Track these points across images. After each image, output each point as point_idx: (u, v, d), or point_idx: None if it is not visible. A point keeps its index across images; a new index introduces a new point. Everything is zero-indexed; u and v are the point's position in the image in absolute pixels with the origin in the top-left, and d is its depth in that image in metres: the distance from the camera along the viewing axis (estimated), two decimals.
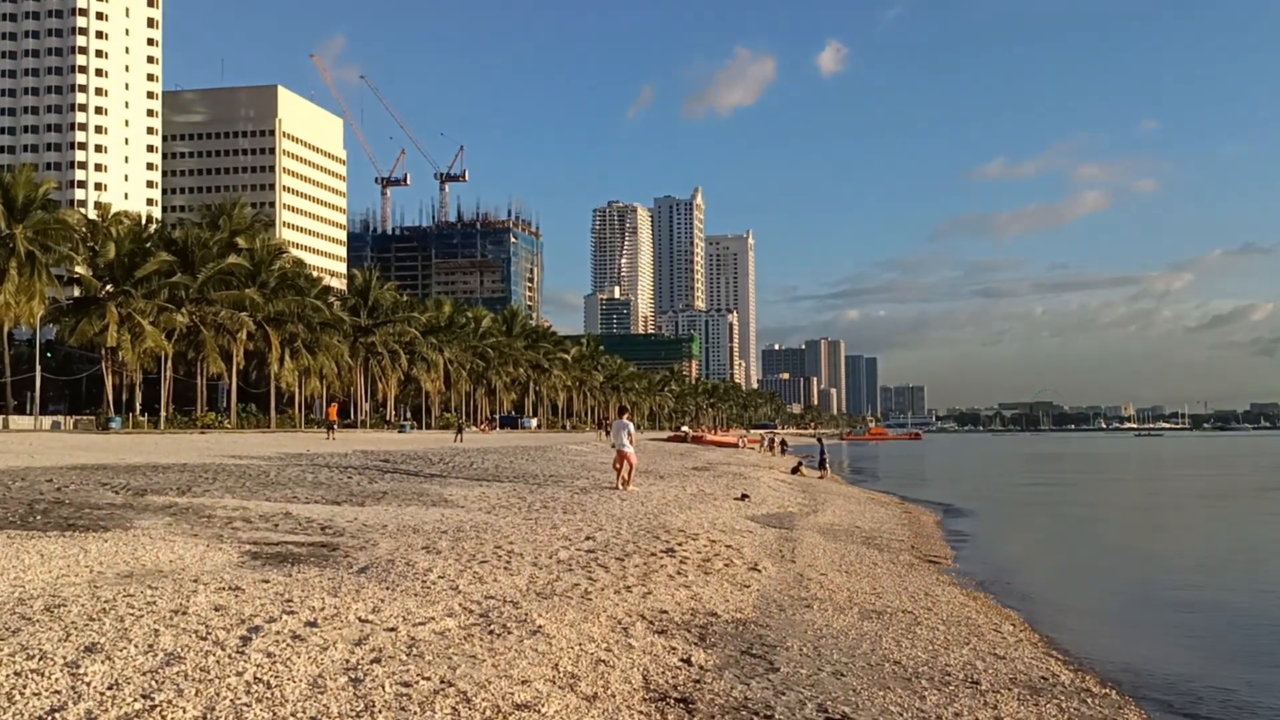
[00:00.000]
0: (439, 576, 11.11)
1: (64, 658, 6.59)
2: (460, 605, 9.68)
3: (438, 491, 22.62)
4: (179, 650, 7.00)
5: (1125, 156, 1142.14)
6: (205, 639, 7.39)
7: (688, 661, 8.69)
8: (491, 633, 8.62)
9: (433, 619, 8.89)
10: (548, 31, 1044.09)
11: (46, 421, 70.14)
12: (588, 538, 15.77)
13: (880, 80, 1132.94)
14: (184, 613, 8.13)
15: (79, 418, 74.61)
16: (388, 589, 10.19)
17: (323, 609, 8.77)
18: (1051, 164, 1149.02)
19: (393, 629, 8.32)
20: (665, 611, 10.86)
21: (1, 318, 63.66)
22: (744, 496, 27.33)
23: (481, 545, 13.90)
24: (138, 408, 77.05)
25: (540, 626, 9.04)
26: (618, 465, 26.31)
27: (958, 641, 11.32)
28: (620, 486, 25.83)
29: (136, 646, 7.00)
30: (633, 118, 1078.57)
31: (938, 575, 18.10)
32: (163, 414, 75.35)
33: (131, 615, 7.86)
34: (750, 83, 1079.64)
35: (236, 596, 9.03)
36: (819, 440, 57.27)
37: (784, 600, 12.93)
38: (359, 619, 8.57)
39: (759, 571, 14.81)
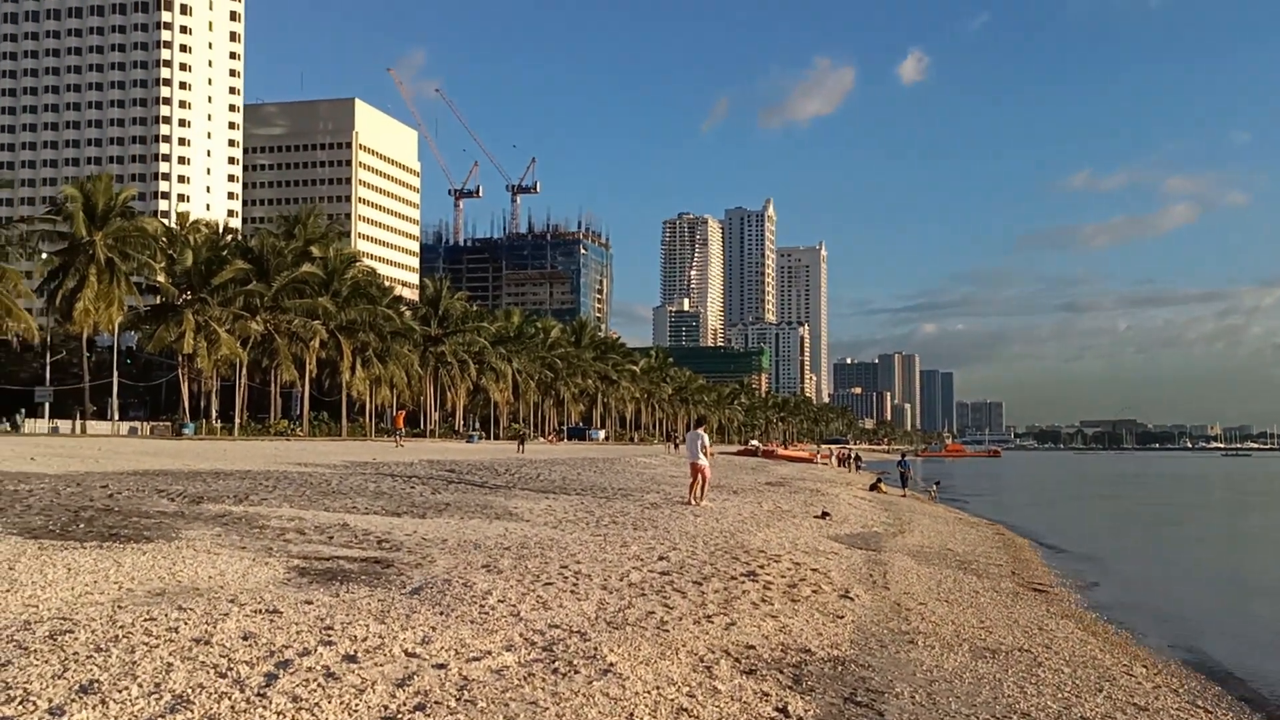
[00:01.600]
0: (499, 600, 10.00)
1: (49, 701, 5.59)
2: (521, 636, 8.56)
3: (502, 504, 21.61)
4: (189, 691, 5.96)
5: (1215, 169, 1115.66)
6: (224, 676, 6.34)
7: (784, 712, 7.46)
8: (556, 671, 7.48)
9: (489, 653, 7.77)
10: (625, 44, 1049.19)
11: (124, 427, 70.77)
12: (661, 558, 14.59)
13: (962, 90, 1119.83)
14: (206, 642, 7.10)
15: (155, 423, 75.22)
16: (441, 614, 9.11)
17: (365, 639, 7.69)
18: (1138, 176, 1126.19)
19: (442, 665, 7.22)
20: (752, 647, 9.63)
21: (81, 324, 64.29)
22: (825, 515, 25.94)
23: (546, 564, 12.79)
24: (213, 414, 77.54)
25: (612, 664, 7.88)
26: (692, 478, 25.10)
27: (1089, 688, 9.94)
28: (693, 501, 24.63)
29: (141, 687, 5.97)
30: (708, 130, 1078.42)
31: (1046, 606, 16.62)
32: (237, 421, 75.73)
33: (145, 645, 6.85)
34: (829, 93, 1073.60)
35: (271, 622, 8.00)
36: (902, 456, 55.41)
37: (883, 634, 11.61)
38: (405, 652, 7.48)
39: (851, 599, 13.50)
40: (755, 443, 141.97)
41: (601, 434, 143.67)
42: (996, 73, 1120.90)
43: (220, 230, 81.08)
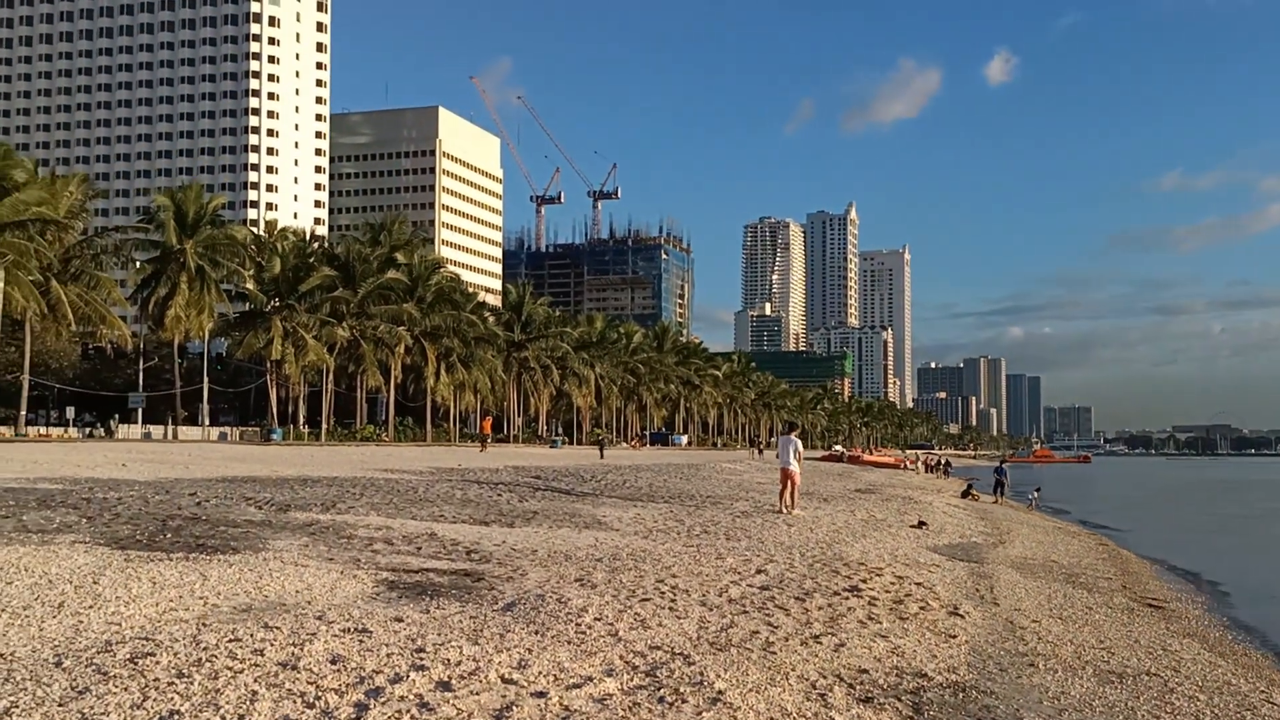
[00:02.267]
0: (595, 618, 9.50)
1: None
2: (622, 659, 8.04)
3: (590, 512, 21.17)
4: None
5: None
6: (312, 707, 5.92)
7: None
8: (662, 700, 6.95)
9: (590, 679, 7.27)
10: (708, 48, 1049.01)
11: (214, 433, 72.04)
12: (759, 571, 13.99)
13: (1050, 90, 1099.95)
14: (293, 667, 6.70)
15: (244, 429, 76.48)
16: (537, 634, 8.64)
17: (459, 663, 7.24)
18: (1233, 175, 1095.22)
19: (542, 694, 6.73)
20: (865, 670, 9.00)
21: (173, 331, 65.55)
22: (921, 524, 25.06)
23: (641, 578, 12.27)
24: (300, 420, 78.60)
25: (720, 692, 7.32)
26: (783, 485, 24.42)
27: (1230, 718, 9.12)
28: (784, 509, 23.95)
29: (223, 719, 5.55)
30: (790, 133, 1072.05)
31: (1166, 623, 15.66)
32: (324, 426, 76.64)
33: (230, 670, 6.47)
34: (913, 95, 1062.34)
35: (361, 643, 7.59)
36: (1000, 463, 53.85)
37: (1000, 656, 10.88)
38: (501, 678, 7.00)
39: (961, 617, 12.76)
40: (839, 448, 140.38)
41: (684, 439, 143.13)
42: (1085, 72, 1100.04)
43: (307, 238, 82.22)
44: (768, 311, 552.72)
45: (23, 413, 55.75)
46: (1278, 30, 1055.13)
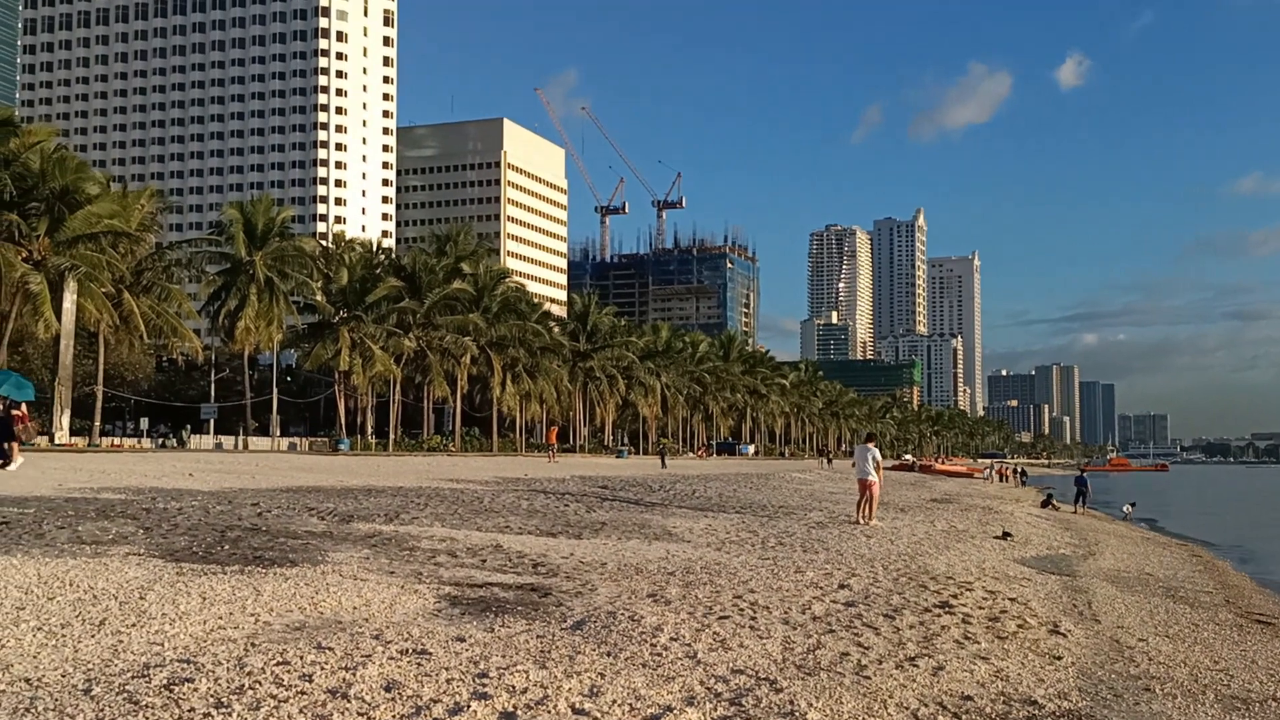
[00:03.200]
0: (671, 638, 8.79)
1: None
2: (702, 684, 7.33)
3: (660, 523, 20.47)
4: None
5: None
6: None
7: None
8: None
9: (669, 709, 6.57)
10: (773, 56, 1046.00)
11: (284, 443, 72.52)
12: (841, 585, 13.18)
13: (1124, 93, 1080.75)
14: (344, 695, 6.09)
15: (313, 439, 76.94)
16: (608, 655, 7.96)
17: (524, 690, 6.58)
18: None
19: None
20: (969, 697, 8.19)
21: (243, 342, 66.06)
22: (1006, 535, 24.01)
23: (717, 594, 11.54)
24: (368, 430, 78.92)
25: None
26: (861, 496, 23.52)
27: None
28: (862, 521, 23.05)
29: None
30: (858, 140, 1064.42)
31: None
32: (391, 436, 76.85)
33: (273, 699, 5.87)
34: (983, 100, 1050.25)
35: (419, 666, 6.97)
36: (1081, 471, 52.28)
37: (1112, 680, 9.98)
38: (572, 708, 6.34)
39: (1063, 635, 11.84)
40: (909, 457, 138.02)
41: (751, 449, 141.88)
42: (1160, 74, 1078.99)
43: (374, 249, 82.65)
44: (834, 320, 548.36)
45: (97, 423, 56.45)
46: None
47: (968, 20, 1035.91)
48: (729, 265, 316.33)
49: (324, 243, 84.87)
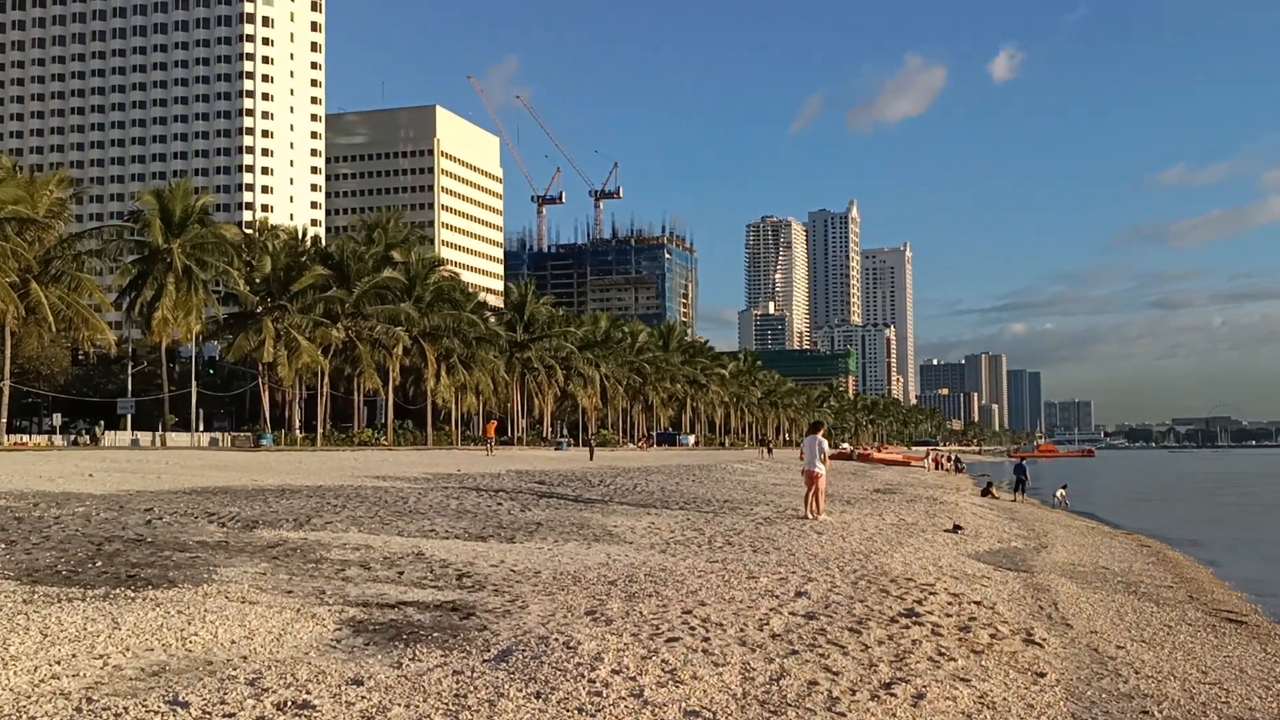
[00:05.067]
0: (612, 670, 7.51)
1: None
2: None
3: (600, 522, 19.18)
4: None
5: None
6: None
7: None
8: None
9: None
10: (713, 46, 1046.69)
11: (205, 438, 70.01)
12: (798, 593, 11.98)
13: (1055, 86, 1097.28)
14: None
15: (236, 435, 74.45)
16: (538, 698, 6.66)
17: None
18: (1237, 169, 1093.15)
19: None
20: None
21: (160, 333, 63.46)
22: (957, 528, 23.07)
23: (664, 608, 10.28)
24: (296, 424, 76.59)
25: None
26: (808, 488, 22.45)
27: None
28: (810, 515, 21.97)
29: None
30: (795, 132, 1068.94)
31: (1260, 644, 13.64)
32: (319, 431, 74.63)
33: None
34: (919, 92, 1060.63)
35: None
36: (1020, 459, 52.06)
37: (1104, 700, 8.89)
38: None
39: (1039, 645, 10.74)
40: (847, 446, 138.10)
41: (691, 439, 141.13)
42: (1090, 67, 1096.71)
43: (300, 236, 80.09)
44: (771, 310, 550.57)
45: (2, 420, 53.62)
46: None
47: (907, 11, 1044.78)
48: (667, 256, 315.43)
49: (247, 230, 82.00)
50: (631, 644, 8.43)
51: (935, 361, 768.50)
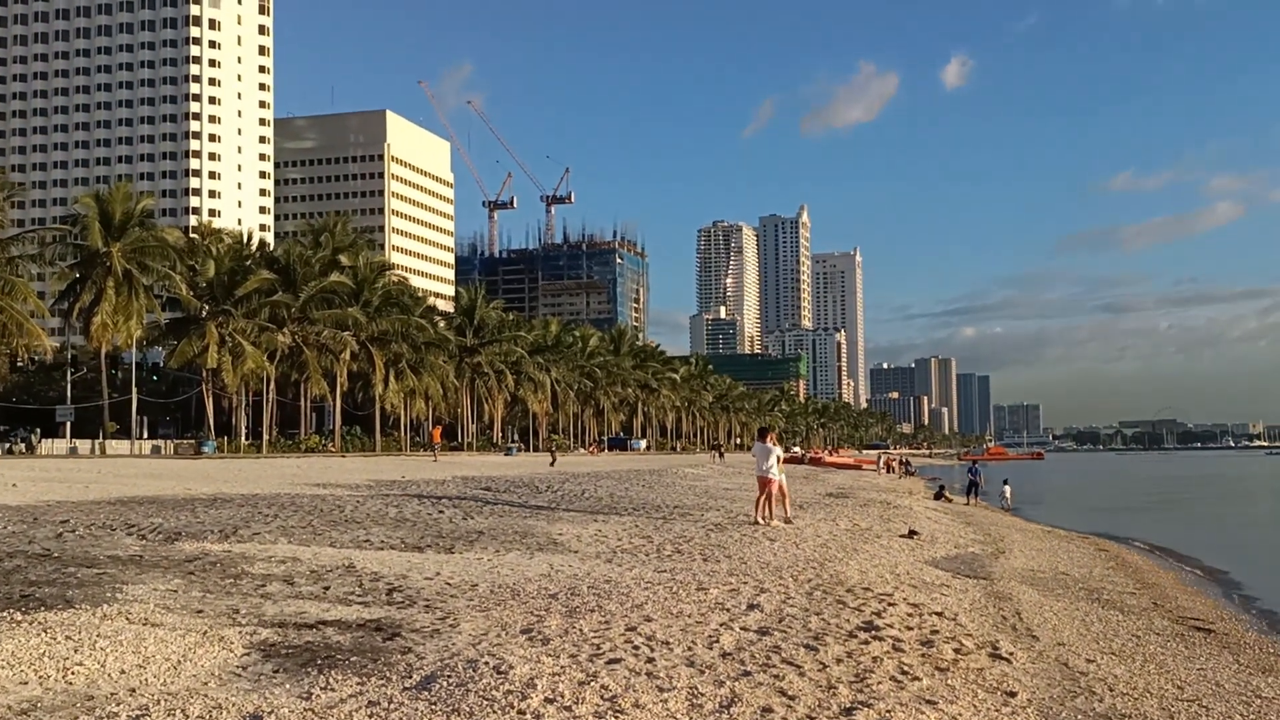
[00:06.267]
0: (546, 699, 6.79)
1: None
2: None
3: (544, 530, 18.43)
4: None
5: (1261, 167, 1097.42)
6: None
7: None
8: None
9: None
10: (669, 52, 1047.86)
11: (147, 446, 68.22)
12: (750, 605, 11.32)
13: (1005, 93, 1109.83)
14: None
15: (179, 442, 72.70)
16: None
17: None
18: (1182, 175, 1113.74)
19: None
20: None
21: (99, 339, 61.74)
22: (912, 533, 22.58)
23: (607, 624, 9.57)
24: (242, 431, 74.98)
25: None
26: (760, 493, 21.82)
27: None
28: (762, 521, 21.35)
29: None
30: (749, 136, 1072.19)
31: (1231, 654, 13.19)
32: (265, 437, 73.10)
33: None
34: (871, 99, 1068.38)
35: None
36: (973, 463, 51.97)
37: None
38: None
39: (1007, 661, 10.15)
40: (797, 449, 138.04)
41: (643, 444, 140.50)
42: (1040, 75, 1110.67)
43: (245, 240, 78.43)
44: (723, 315, 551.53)
45: None
46: (1224, 32, 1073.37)
47: (861, 19, 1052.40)
48: (619, 260, 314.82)
49: (193, 235, 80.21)
50: (569, 667, 7.72)
51: (886, 365, 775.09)
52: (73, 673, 6.61)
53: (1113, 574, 21.49)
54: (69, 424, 65.95)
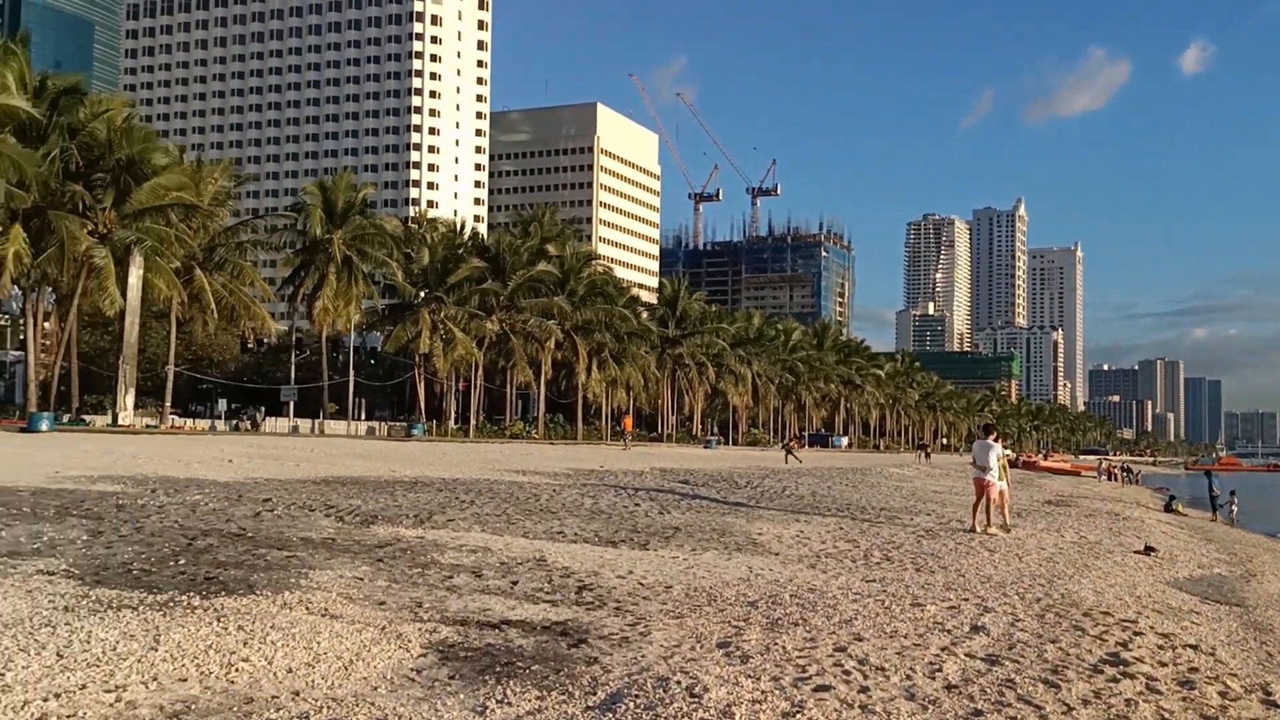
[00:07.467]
0: None
1: None
2: None
3: (743, 528, 17.54)
4: None
5: None
6: None
7: None
8: None
9: None
10: (885, 41, 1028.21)
11: (361, 427, 70.91)
12: (975, 628, 10.11)
13: (1248, 80, 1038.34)
14: None
15: (392, 424, 75.32)
16: None
17: None
18: None
19: None
20: None
21: (320, 322, 64.51)
22: (1149, 550, 20.56)
23: (813, 642, 8.60)
24: (450, 415, 77.08)
25: None
26: (977, 498, 20.32)
27: None
28: (978, 528, 19.83)
29: None
30: (966, 127, 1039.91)
31: None
32: (472, 422, 74.90)
33: None
34: (1101, 86, 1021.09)
35: None
36: (1208, 471, 48.15)
37: None
38: None
39: None
40: (1009, 452, 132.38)
41: (844, 441, 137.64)
42: None
43: (458, 229, 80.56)
44: (931, 311, 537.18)
45: (167, 404, 55.10)
46: None
47: (1093, 3, 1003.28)
48: (824, 254, 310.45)
49: (407, 222, 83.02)
50: (771, 692, 6.82)
51: (1106, 367, 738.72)
52: (236, 669, 6.16)
53: None
54: (292, 403, 69.18)
